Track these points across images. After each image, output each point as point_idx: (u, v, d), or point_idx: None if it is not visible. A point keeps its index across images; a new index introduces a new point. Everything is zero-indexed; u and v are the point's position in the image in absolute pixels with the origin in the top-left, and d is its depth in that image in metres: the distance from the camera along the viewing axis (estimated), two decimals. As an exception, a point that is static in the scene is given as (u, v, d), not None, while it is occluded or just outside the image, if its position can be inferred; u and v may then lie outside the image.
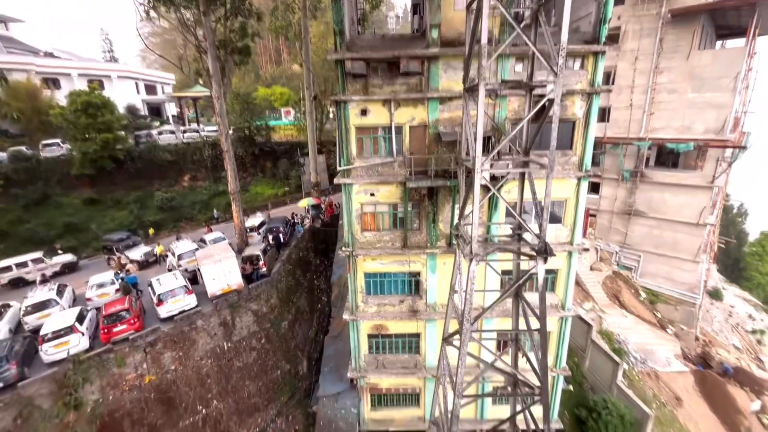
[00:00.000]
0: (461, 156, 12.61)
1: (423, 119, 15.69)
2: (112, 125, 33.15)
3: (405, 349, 19.42)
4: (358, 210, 16.99)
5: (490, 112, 14.97)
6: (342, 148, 16.05)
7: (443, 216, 16.99)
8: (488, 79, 9.23)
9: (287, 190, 39.65)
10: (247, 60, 25.34)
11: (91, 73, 50.10)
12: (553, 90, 9.39)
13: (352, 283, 17.93)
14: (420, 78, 15.28)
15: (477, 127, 9.54)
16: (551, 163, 9.96)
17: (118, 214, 33.62)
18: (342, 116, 15.63)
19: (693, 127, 27.76)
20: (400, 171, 16.33)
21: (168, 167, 37.77)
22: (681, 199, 29.26)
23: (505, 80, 9.67)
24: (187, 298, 19.14)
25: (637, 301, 31.08)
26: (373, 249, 17.35)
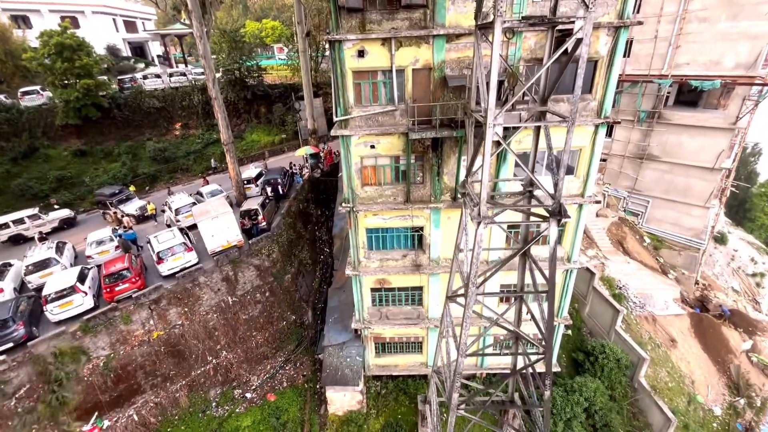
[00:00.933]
0: (470, 105, 11.32)
1: (427, 61, 14.03)
2: (92, 70, 30.72)
3: (408, 301, 19.52)
4: (357, 164, 15.96)
5: (504, 51, 13.29)
6: (338, 95, 14.60)
7: (448, 168, 15.98)
8: (505, 15, 7.73)
9: (284, 137, 37.97)
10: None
11: (63, 9, 45.84)
12: (582, 28, 7.94)
13: (354, 239, 17.46)
14: (424, 11, 13.36)
15: (491, 74, 8.25)
16: (573, 115, 8.81)
17: (111, 166, 32.53)
18: (337, 59, 13.98)
19: (722, 62, 25.39)
20: (402, 120, 15.02)
21: (157, 115, 35.85)
22: (698, 141, 27.72)
23: (526, 17, 8.14)
24: (188, 255, 18.90)
25: (641, 247, 30.95)
26: (374, 204, 16.61)
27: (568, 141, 9.02)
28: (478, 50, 9.88)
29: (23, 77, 36.28)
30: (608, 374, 20.79)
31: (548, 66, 9.85)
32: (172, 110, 36.47)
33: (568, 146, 9.07)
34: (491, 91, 8.43)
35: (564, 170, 9.39)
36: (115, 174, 31.69)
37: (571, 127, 8.87)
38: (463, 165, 15.66)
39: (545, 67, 8.71)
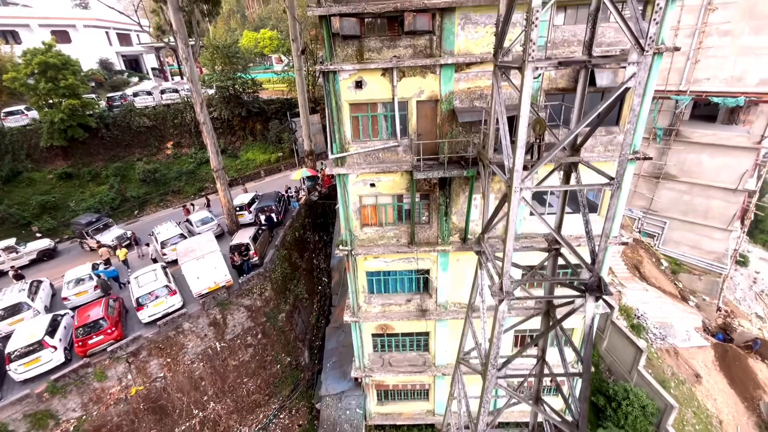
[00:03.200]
0: (486, 153, 9.65)
1: (434, 92, 12.43)
2: (77, 89, 29.24)
3: (413, 347, 17.80)
4: (356, 203, 14.31)
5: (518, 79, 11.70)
6: (333, 130, 12.98)
7: (457, 208, 14.32)
8: (536, 54, 6.10)
9: (281, 155, 36.38)
10: (217, 11, 21.04)
11: (54, 23, 44.58)
12: (634, 75, 6.29)
13: (353, 283, 15.77)
14: (430, 38, 11.78)
15: (518, 130, 6.60)
16: (619, 178, 7.13)
17: (98, 190, 30.96)
18: (331, 90, 12.38)
19: (745, 78, 23.77)
20: (406, 157, 13.39)
21: (148, 134, 34.31)
22: (720, 161, 26.04)
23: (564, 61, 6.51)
24: (171, 299, 17.22)
25: (658, 272, 29.17)
26: (375, 247, 14.93)
27: (611, 207, 7.34)
28: (497, 91, 8.24)
29: (11, 95, 34.86)
30: (633, 423, 18.96)
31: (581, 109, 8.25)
32: (164, 129, 34.95)
33: (611, 213, 7.39)
34: (518, 151, 6.76)
35: (605, 241, 7.70)
36: (102, 198, 30.13)
37: (617, 191, 7.20)
38: (474, 205, 14.01)
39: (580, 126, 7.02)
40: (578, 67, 7.84)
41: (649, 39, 6.01)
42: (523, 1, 7.34)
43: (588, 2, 10.99)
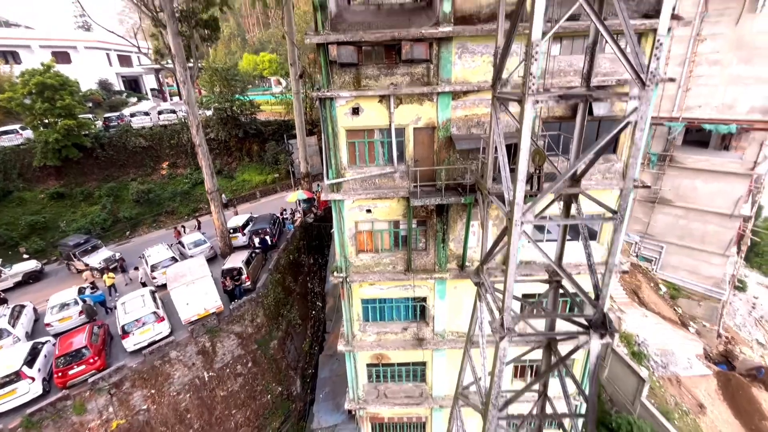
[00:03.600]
0: (485, 183, 9.47)
1: (431, 119, 12.37)
2: (74, 109, 29.21)
3: (409, 377, 17.14)
4: (351, 229, 14.02)
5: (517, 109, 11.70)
6: (329, 155, 12.82)
7: (455, 235, 14.06)
8: (537, 87, 5.97)
9: (277, 176, 36.29)
10: (216, 35, 21.28)
11: (54, 45, 45.12)
12: (636, 110, 6.18)
13: (347, 311, 15.29)
14: (427, 66, 11.81)
15: (519, 162, 6.42)
16: (622, 212, 6.92)
17: (90, 210, 30.50)
18: (328, 116, 12.30)
19: (736, 106, 24.19)
20: (403, 183, 13.21)
21: (143, 154, 34.18)
22: (714, 186, 26.19)
23: (565, 95, 6.41)
24: (158, 326, 16.60)
25: (657, 297, 28.83)
26: (370, 273, 14.55)
27: (614, 241, 7.11)
28: (496, 121, 8.12)
29: (7, 114, 34.76)
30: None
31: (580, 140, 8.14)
32: (160, 149, 34.86)
33: (615, 247, 7.15)
34: (518, 184, 6.56)
35: (609, 274, 7.43)
36: (94, 218, 29.63)
37: (620, 225, 6.98)
38: (472, 232, 13.77)
39: (580, 162, 6.87)
40: (578, 100, 7.75)
41: (650, 74, 5.93)
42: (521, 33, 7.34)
43: (584, 33, 11.16)
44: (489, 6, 11.11)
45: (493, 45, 11.28)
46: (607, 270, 7.36)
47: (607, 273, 7.38)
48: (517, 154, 6.54)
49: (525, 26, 9.22)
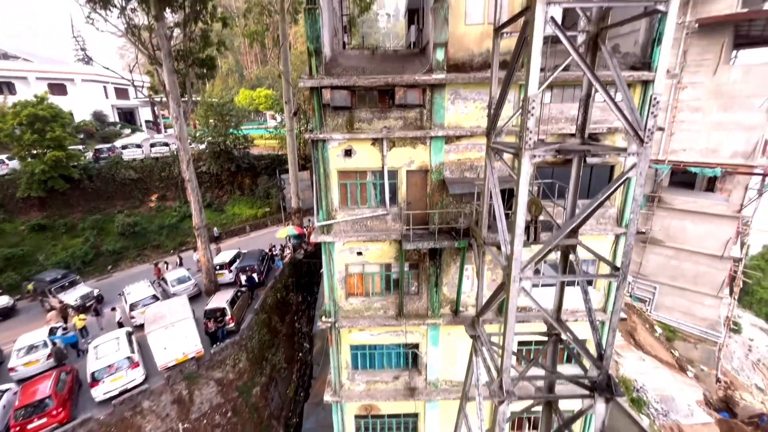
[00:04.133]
0: (480, 231, 9.19)
1: (424, 162, 12.30)
2: (64, 141, 28.93)
3: (401, 431, 16.05)
4: (341, 272, 13.53)
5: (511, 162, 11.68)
6: (320, 197, 12.55)
7: (448, 279, 13.64)
8: (533, 141, 5.81)
9: (268, 210, 35.89)
10: (212, 74, 21.59)
11: (51, 77, 45.55)
12: (635, 166, 6.04)
13: (335, 358, 14.46)
14: (420, 111, 11.86)
15: (515, 217, 6.16)
16: (625, 269, 6.63)
17: (72, 243, 29.50)
18: (320, 158, 12.14)
19: (719, 150, 24.88)
20: (395, 225, 12.92)
21: (132, 186, 33.69)
22: (703, 227, 26.42)
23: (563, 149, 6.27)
24: (132, 373, 15.47)
25: (653, 339, 28.23)
26: (361, 318, 13.91)
27: (617, 299, 6.77)
28: (491, 171, 7.95)
29: (-1, 144, 34.34)
30: None
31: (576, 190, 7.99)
32: (150, 181, 34.45)
33: (617, 305, 6.80)
34: (516, 239, 6.27)
35: (613, 333, 7.03)
36: (75, 252, 28.58)
37: (623, 282, 6.67)
38: (466, 276, 13.37)
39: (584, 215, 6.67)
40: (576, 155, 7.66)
41: (648, 131, 5.84)
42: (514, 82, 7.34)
43: (575, 83, 11.39)
44: (481, 55, 11.35)
45: (486, 92, 11.47)
46: (610, 328, 6.97)
47: (610, 332, 6.98)
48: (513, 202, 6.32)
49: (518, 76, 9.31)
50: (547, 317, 7.52)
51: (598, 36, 7.12)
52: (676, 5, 5.32)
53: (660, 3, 5.37)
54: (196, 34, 18.70)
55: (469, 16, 10.98)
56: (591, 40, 7.20)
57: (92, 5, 17.20)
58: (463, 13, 10.96)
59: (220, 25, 19.52)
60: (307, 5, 10.73)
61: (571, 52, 5.69)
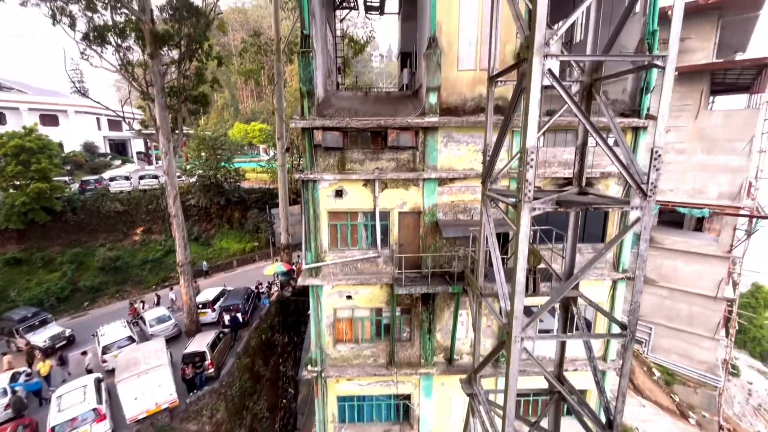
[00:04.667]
0: (477, 281, 8.75)
1: (417, 204, 12.02)
2: (48, 173, 28.32)
3: (390, 492, 14.72)
4: (329, 317, 12.83)
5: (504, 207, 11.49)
6: (309, 238, 12.10)
7: (441, 325, 13.01)
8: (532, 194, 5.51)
9: (256, 244, 35.09)
10: (205, 109, 21.62)
11: (43, 108, 45.54)
12: (639, 220, 5.77)
13: (321, 411, 13.43)
14: (413, 152, 11.73)
15: (515, 276, 5.76)
16: (633, 327, 6.20)
17: (48, 278, 28.15)
18: (310, 198, 11.80)
19: (706, 191, 25.29)
20: (386, 268, 12.43)
21: (117, 219, 32.80)
22: (694, 267, 26.35)
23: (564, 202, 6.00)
24: (97, 427, 14.10)
25: (652, 383, 27.32)
26: (349, 367, 13.07)
27: (626, 360, 6.28)
28: (488, 220, 7.64)
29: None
30: None
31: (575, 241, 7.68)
32: (136, 214, 33.64)
33: (626, 367, 6.30)
34: (517, 296, 5.84)
35: (622, 399, 6.47)
36: (50, 287, 27.21)
37: (631, 342, 6.21)
38: (461, 322, 12.78)
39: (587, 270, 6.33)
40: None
41: (651, 185, 5.62)
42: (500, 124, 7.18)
43: (566, 128, 11.42)
44: (473, 99, 11.40)
45: (478, 135, 11.44)
46: (619, 394, 6.42)
47: (620, 398, 6.43)
48: (509, 248, 5.95)
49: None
50: (551, 379, 6.96)
51: (592, 86, 7.09)
52: (674, 61, 5.26)
53: (657, 59, 5.32)
54: (190, 72, 18.84)
55: (461, 62, 11.12)
56: (585, 90, 7.17)
57: (87, 42, 17.27)
58: (455, 59, 11.11)
59: (215, 63, 19.76)
60: (302, 49, 10.78)
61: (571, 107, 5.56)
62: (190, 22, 17.27)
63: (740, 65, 23.80)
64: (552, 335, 7.28)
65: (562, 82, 5.52)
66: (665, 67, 5.32)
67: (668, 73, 5.33)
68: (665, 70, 5.33)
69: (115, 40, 17.33)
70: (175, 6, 17.09)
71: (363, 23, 33.60)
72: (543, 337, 6.57)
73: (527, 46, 5.33)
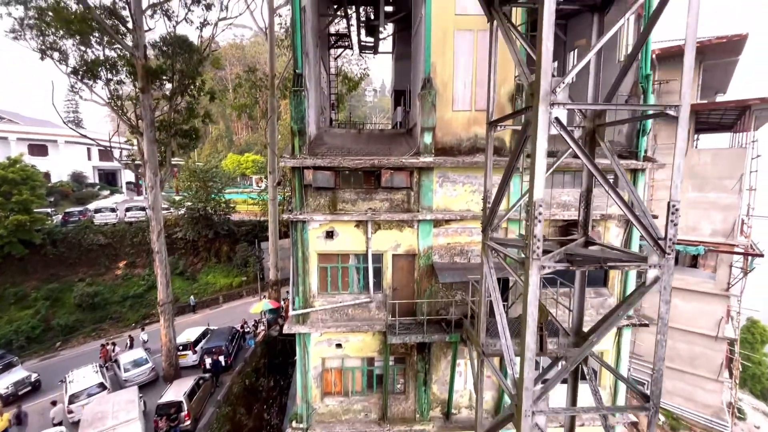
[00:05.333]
0: (477, 337, 8.06)
1: (411, 246, 11.46)
2: (30, 205, 27.38)
3: None
4: (317, 367, 11.87)
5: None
6: (297, 282, 11.37)
7: (438, 375, 12.11)
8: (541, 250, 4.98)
9: (245, 279, 33.88)
10: (195, 144, 21.32)
11: (33, 138, 45.05)
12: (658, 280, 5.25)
13: (306, 474, 12.14)
14: (408, 193, 11.31)
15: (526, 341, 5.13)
16: (656, 400, 5.53)
17: (20, 315, 26.52)
18: (299, 240, 11.17)
19: (699, 228, 25.24)
20: (379, 314, 11.66)
21: (99, 252, 31.55)
22: (693, 306, 25.84)
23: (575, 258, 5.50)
24: (53, 493, 12.54)
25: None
26: (338, 423, 11.96)
27: None
28: (489, 271, 7.08)
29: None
30: None
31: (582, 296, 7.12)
32: (120, 247, 32.46)
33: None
34: (526, 364, 5.19)
35: (647, 481, 5.68)
36: (21, 326, 25.56)
37: (655, 416, 5.52)
38: (459, 372, 11.91)
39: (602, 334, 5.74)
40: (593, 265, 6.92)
41: (669, 241, 5.15)
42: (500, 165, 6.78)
43: (566, 169, 11.15)
44: (469, 140, 11.16)
45: (475, 175, 11.09)
46: (643, 475, 5.63)
47: (644, 479, 5.64)
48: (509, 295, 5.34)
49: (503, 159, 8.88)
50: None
51: (595, 132, 6.80)
52: (687, 110, 4.95)
53: (670, 108, 5.02)
54: (181, 107, 18.62)
55: (457, 103, 10.96)
56: (587, 135, 6.87)
57: (76, 77, 17.04)
58: (450, 100, 10.95)
59: (208, 97, 19.64)
60: (293, 87, 10.54)
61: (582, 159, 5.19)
62: (182, 58, 17.21)
63: (725, 106, 24.47)
64: (567, 408, 6.55)
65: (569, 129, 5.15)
66: (678, 117, 5.00)
67: (682, 122, 5.01)
68: (678, 119, 5.01)
69: (105, 74, 17.13)
70: (168, 42, 17.08)
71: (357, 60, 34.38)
72: (556, 411, 5.85)
73: (531, 93, 4.99)
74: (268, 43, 24.65)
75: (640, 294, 5.49)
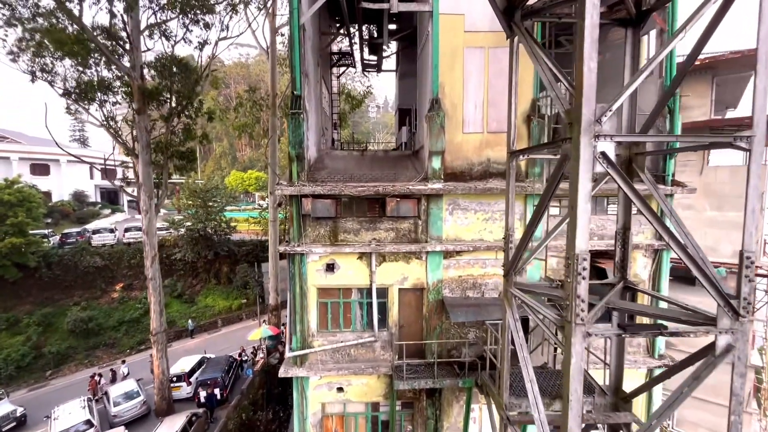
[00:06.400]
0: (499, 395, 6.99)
1: (419, 279, 10.49)
2: (25, 227, 26.72)
3: None
4: (317, 414, 10.77)
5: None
6: (294, 320, 10.39)
7: (450, 422, 10.95)
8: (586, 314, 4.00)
9: (245, 302, 32.82)
10: (192, 166, 20.68)
11: (35, 157, 44.90)
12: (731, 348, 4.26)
13: None
14: (415, 222, 10.40)
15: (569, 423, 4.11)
16: (730, 495, 4.44)
17: (10, 342, 25.54)
18: (296, 273, 10.25)
19: (718, 248, 24.03)
20: (384, 355, 10.62)
21: (96, 274, 30.70)
22: (715, 330, 24.41)
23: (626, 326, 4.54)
24: None
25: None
26: (339, 477, 10.78)
27: None
28: (513, 321, 6.09)
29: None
30: None
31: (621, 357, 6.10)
32: (117, 269, 31.62)
33: None
34: (571, 453, 4.13)
35: None
36: (10, 354, 24.55)
37: None
38: (473, 419, 10.73)
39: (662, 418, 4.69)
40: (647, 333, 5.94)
41: (745, 301, 4.17)
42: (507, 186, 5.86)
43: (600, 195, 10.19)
44: (481, 164, 10.31)
45: (488, 202, 10.18)
46: None
47: None
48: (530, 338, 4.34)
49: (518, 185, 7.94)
50: None
51: (631, 160, 5.92)
52: (762, 142, 4.04)
53: (741, 140, 4.12)
54: (178, 128, 18.03)
55: (467, 125, 10.15)
56: (623, 164, 5.98)
57: (70, 99, 16.52)
58: (460, 122, 10.15)
59: (205, 118, 19.09)
60: (291, 110, 9.79)
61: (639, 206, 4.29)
62: (179, 78, 16.69)
63: (739, 123, 23.55)
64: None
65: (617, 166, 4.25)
66: (751, 150, 4.09)
67: (755, 156, 4.10)
68: (751, 153, 4.10)
69: (99, 96, 16.60)
70: (165, 63, 16.59)
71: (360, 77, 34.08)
72: None
73: (570, 123, 4.12)
74: (270, 62, 24.25)
75: (709, 366, 4.48)
